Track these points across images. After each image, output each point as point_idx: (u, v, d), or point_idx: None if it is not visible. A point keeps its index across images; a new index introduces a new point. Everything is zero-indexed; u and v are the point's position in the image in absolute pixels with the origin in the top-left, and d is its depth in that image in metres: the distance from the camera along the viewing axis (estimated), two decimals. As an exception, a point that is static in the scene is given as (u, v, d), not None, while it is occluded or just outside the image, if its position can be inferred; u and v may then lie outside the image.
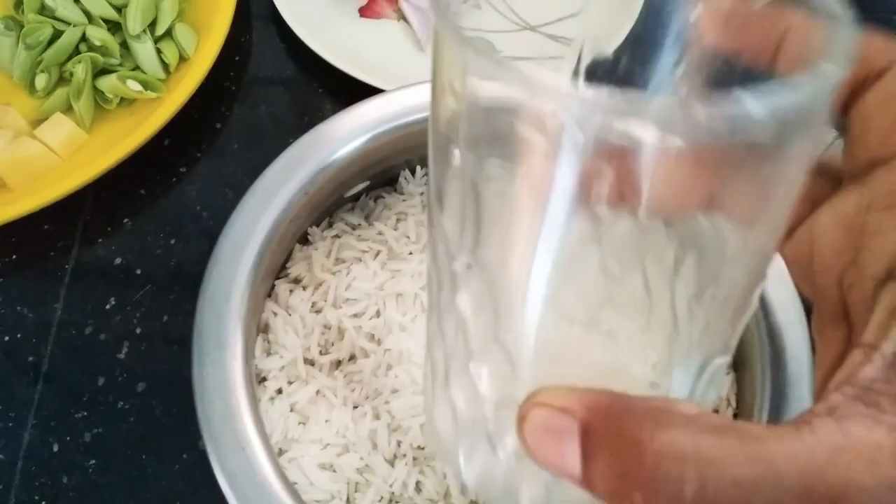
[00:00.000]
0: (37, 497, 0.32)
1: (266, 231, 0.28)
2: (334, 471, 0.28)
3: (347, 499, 0.28)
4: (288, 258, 0.32)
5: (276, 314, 0.30)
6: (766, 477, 0.13)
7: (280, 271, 0.32)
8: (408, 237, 0.33)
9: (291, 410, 0.29)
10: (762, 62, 0.16)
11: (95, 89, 0.40)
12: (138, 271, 0.37)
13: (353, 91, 0.38)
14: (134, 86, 0.40)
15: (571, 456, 0.14)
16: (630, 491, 0.13)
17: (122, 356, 0.35)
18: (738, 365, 0.30)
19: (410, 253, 0.33)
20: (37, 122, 0.40)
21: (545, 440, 0.15)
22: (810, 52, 0.14)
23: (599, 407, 0.14)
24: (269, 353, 0.30)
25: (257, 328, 0.30)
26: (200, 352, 0.26)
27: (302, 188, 0.29)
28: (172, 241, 0.38)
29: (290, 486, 0.24)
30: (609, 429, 0.14)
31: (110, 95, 0.40)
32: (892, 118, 0.15)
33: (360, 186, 0.33)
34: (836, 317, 0.16)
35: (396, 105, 0.31)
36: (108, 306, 0.37)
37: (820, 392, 0.16)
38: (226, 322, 0.26)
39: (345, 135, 0.30)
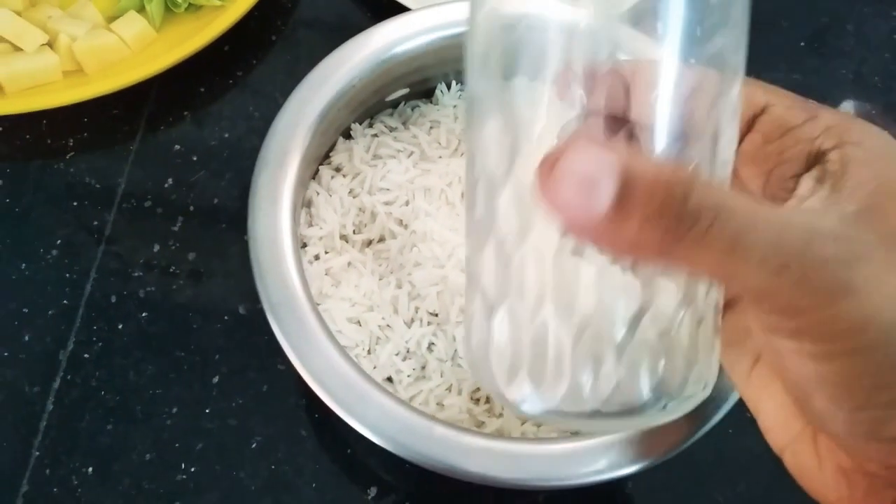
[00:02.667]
0: (94, 338, 0.37)
1: (318, 111, 0.32)
2: (360, 324, 0.32)
3: (369, 349, 0.32)
4: (332, 148, 0.36)
5: (318, 193, 0.35)
6: (777, 215, 0.16)
7: (324, 159, 0.36)
8: (439, 143, 0.37)
9: (326, 274, 0.33)
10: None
11: (167, -7, 0.44)
12: (194, 158, 0.42)
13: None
14: (202, -7, 0.44)
15: (603, 196, 0.14)
16: (675, 204, 0.14)
17: (175, 228, 0.40)
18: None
19: (440, 157, 0.37)
20: (112, 19, 0.44)
21: (574, 188, 0.14)
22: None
23: (636, 155, 0.15)
24: (310, 225, 0.34)
25: (302, 202, 0.34)
26: (256, 206, 0.30)
27: (350, 80, 0.33)
28: (226, 135, 0.43)
29: (323, 321, 0.29)
30: (657, 183, 0.14)
31: (179, 0, 0.44)
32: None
33: (400, 92, 0.37)
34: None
35: (438, 19, 0.35)
36: (166, 185, 0.41)
37: None
38: (279, 183, 0.30)
39: (391, 40, 0.34)
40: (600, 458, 0.28)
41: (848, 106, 0.45)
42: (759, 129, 0.19)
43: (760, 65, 0.46)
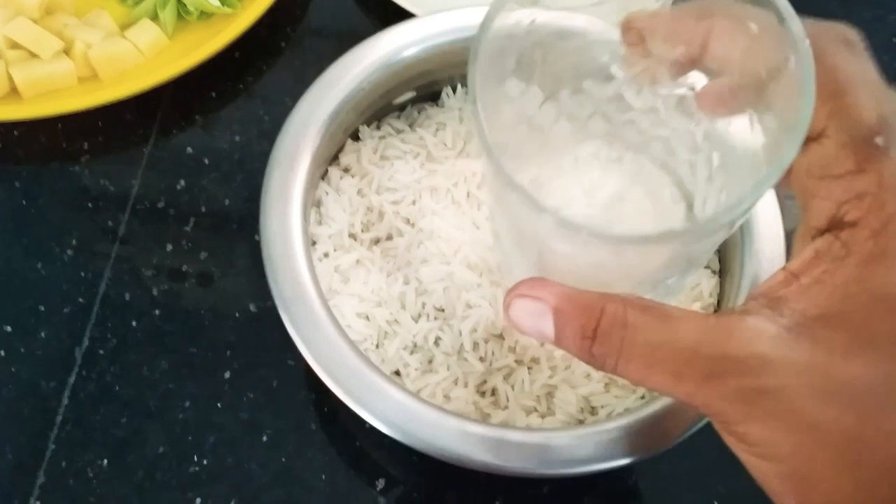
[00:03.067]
0: (109, 335, 0.38)
1: (329, 112, 0.33)
2: (368, 319, 0.33)
3: (377, 343, 0.33)
4: (340, 150, 0.37)
5: (327, 193, 0.36)
6: (666, 341, 0.18)
7: (333, 160, 0.37)
8: (445, 144, 0.38)
9: (336, 271, 0.34)
10: (691, 58, 0.20)
11: (179, 1, 0.45)
12: (206, 161, 0.43)
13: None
14: (213, 1, 0.45)
15: (546, 328, 0.20)
16: (589, 345, 0.19)
17: (188, 229, 0.41)
18: (723, 271, 0.35)
19: (446, 158, 0.38)
20: (126, 26, 0.45)
21: (526, 319, 0.20)
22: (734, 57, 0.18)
23: (566, 295, 0.19)
24: (320, 223, 0.35)
25: (312, 201, 0.35)
26: (267, 204, 0.31)
27: (359, 83, 0.34)
28: (237, 139, 0.44)
29: (333, 315, 0.30)
30: (575, 310, 0.19)
31: (192, 8, 0.45)
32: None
33: (407, 96, 0.38)
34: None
35: (445, 24, 0.36)
36: (178, 187, 0.42)
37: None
38: (290, 182, 0.31)
39: (398, 45, 0.35)
40: (603, 448, 0.29)
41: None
42: (806, 157, 0.18)
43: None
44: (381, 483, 0.35)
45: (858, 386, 0.16)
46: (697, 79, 0.22)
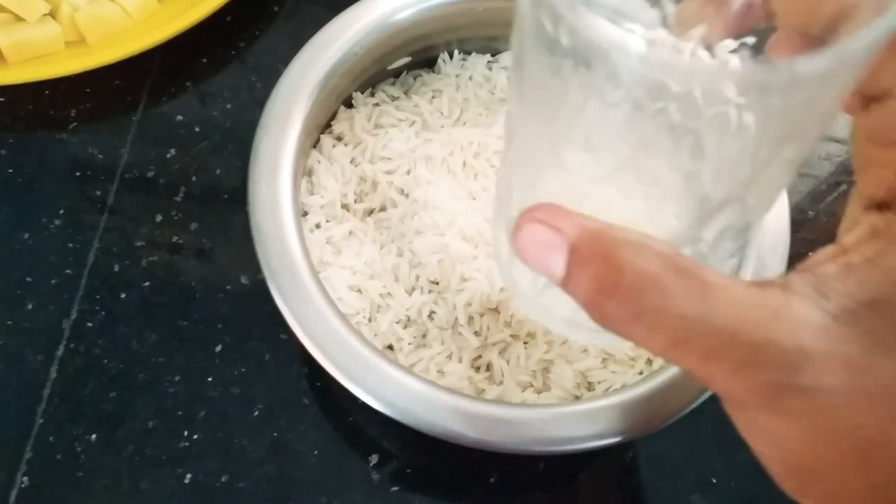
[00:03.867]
0: (97, 308, 0.37)
1: (320, 78, 0.32)
2: (360, 292, 0.32)
3: (370, 317, 0.32)
4: (333, 117, 0.36)
5: (319, 162, 0.35)
6: (705, 317, 0.15)
7: (325, 128, 0.36)
8: (441, 112, 0.37)
9: (327, 242, 0.33)
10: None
11: (169, -37, 0.44)
12: (197, 129, 0.42)
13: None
14: (204, -38, 0.43)
15: (556, 265, 0.17)
16: (602, 303, 0.16)
17: (178, 199, 0.40)
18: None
19: (442, 126, 0.36)
20: (114, -11, 0.43)
21: (535, 248, 0.17)
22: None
23: (589, 231, 0.16)
24: (311, 193, 0.34)
25: (303, 170, 0.34)
26: (256, 172, 0.30)
27: (352, 47, 0.33)
28: (228, 106, 0.42)
29: (323, 288, 0.29)
30: (595, 251, 0.16)
31: (181, -30, 0.44)
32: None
33: (402, 61, 0.37)
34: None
35: (442, -14, 0.35)
36: (168, 156, 0.41)
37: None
38: (279, 149, 0.30)
39: (393, 7, 0.34)
40: (599, 424, 0.28)
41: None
42: (868, 118, 0.16)
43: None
44: (374, 458, 0.35)
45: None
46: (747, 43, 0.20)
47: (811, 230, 0.37)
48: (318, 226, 0.34)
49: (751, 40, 0.20)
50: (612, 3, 0.21)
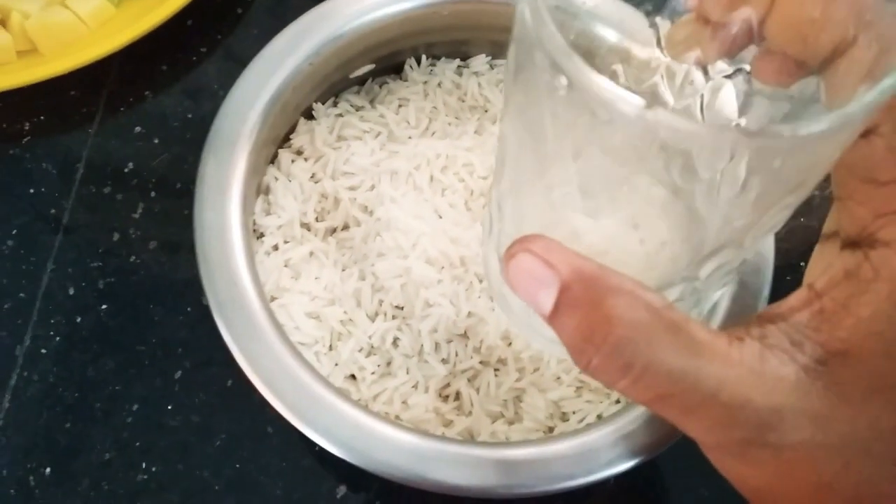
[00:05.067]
0: (52, 333, 0.36)
1: (271, 94, 0.30)
2: (319, 319, 0.30)
3: (330, 346, 0.30)
4: (292, 130, 0.34)
5: (277, 179, 0.33)
6: (689, 374, 0.15)
7: (284, 141, 0.34)
8: (408, 122, 0.35)
9: (285, 266, 0.31)
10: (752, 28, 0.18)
11: (125, -35, 0.42)
12: (156, 140, 0.40)
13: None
14: (162, -36, 0.41)
15: (544, 300, 0.16)
16: (590, 352, 0.16)
17: (136, 216, 0.38)
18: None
19: (409, 137, 0.34)
20: (68, -6, 0.41)
21: (525, 279, 0.17)
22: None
23: (583, 274, 0.16)
24: (268, 213, 0.32)
25: (258, 189, 0.32)
26: (202, 196, 0.28)
27: (307, 58, 0.31)
28: (190, 116, 0.40)
29: (275, 320, 0.27)
30: (586, 296, 0.16)
31: (139, -28, 0.42)
32: None
33: (366, 68, 0.35)
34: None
35: (405, -11, 0.32)
36: (126, 170, 0.39)
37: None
38: (227, 171, 0.28)
39: (352, 11, 0.32)
40: (574, 463, 0.26)
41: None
42: (852, 152, 0.16)
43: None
44: (341, 490, 0.33)
45: (849, 443, 0.16)
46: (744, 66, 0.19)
47: (789, 239, 0.35)
48: (275, 247, 0.32)
49: (747, 67, 0.19)
50: (614, 18, 0.20)
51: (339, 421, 0.26)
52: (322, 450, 0.33)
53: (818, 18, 0.16)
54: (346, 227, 0.33)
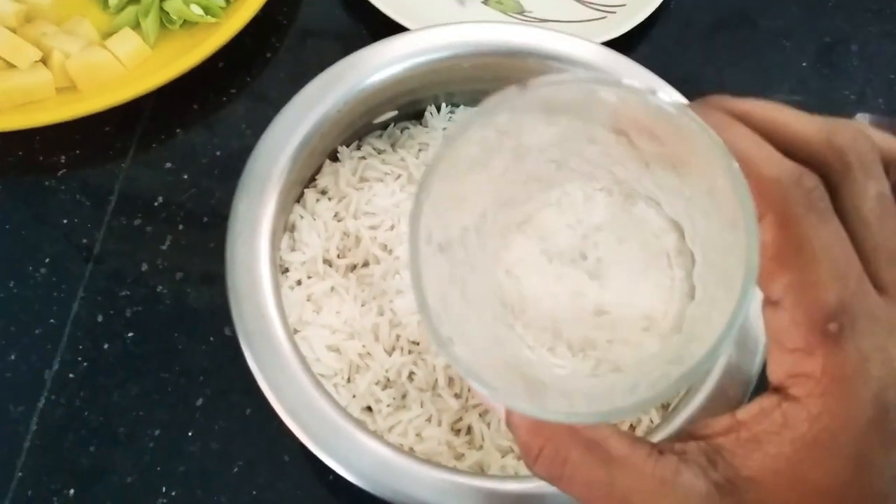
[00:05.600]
0: (80, 358, 0.37)
1: (301, 139, 0.32)
2: (339, 352, 0.32)
3: (349, 378, 0.32)
4: (318, 171, 0.36)
5: (302, 217, 0.34)
6: (603, 484, 0.18)
7: (309, 182, 0.36)
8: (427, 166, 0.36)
9: (308, 300, 0.33)
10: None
11: (162, 10, 0.44)
12: (185, 176, 0.42)
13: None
14: (196, 10, 0.44)
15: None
16: (532, 463, 0.19)
17: (164, 247, 0.40)
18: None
19: (428, 179, 0.36)
20: (107, 35, 0.44)
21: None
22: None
23: (545, 434, 0.19)
24: (293, 249, 0.34)
25: (284, 226, 0.34)
26: (234, 231, 0.30)
27: (335, 105, 0.33)
28: (218, 153, 0.42)
29: (299, 352, 0.28)
30: (524, 420, 0.19)
31: (174, 17, 0.44)
32: None
33: (389, 115, 0.37)
34: None
35: (429, 41, 0.34)
36: (156, 204, 0.41)
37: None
38: (258, 209, 0.30)
39: (379, 62, 0.34)
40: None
41: (863, 118, 0.44)
42: (766, 315, 0.18)
43: (762, 85, 0.46)
44: (354, 519, 0.34)
45: None
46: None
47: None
48: (298, 282, 0.33)
49: None
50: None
51: (358, 451, 0.27)
52: (336, 479, 0.34)
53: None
54: (366, 265, 0.34)
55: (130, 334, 0.38)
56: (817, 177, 0.17)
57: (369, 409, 0.32)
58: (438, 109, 0.38)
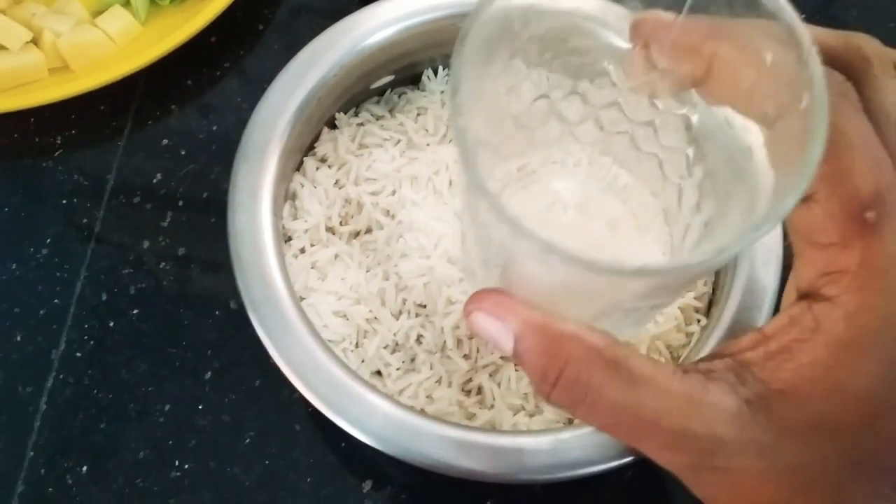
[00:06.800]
0: (86, 337, 0.37)
1: (297, 105, 0.31)
2: (346, 318, 0.32)
3: (357, 343, 0.31)
4: (316, 139, 0.36)
5: (303, 185, 0.34)
6: (630, 405, 0.17)
7: (308, 150, 0.35)
8: (426, 129, 0.36)
9: (312, 267, 0.33)
10: (694, 79, 0.19)
11: (151, -15, 0.44)
12: (183, 152, 0.41)
13: None
14: (186, -16, 0.43)
15: (506, 346, 0.18)
16: (546, 389, 0.18)
17: (165, 224, 0.39)
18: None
19: (427, 144, 0.36)
20: (96, 13, 0.43)
21: (486, 330, 0.19)
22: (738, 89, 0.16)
23: (532, 324, 0.18)
24: (295, 218, 0.33)
25: (286, 195, 0.34)
26: (235, 201, 0.30)
27: (330, 70, 0.32)
28: (214, 128, 0.42)
29: (306, 318, 0.28)
30: (537, 344, 0.18)
31: (164, -8, 0.43)
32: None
33: (386, 80, 0.36)
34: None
35: (422, 3, 0.34)
36: (154, 180, 0.41)
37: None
38: (258, 177, 0.30)
39: (373, 25, 0.33)
40: (593, 450, 0.27)
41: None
42: (796, 214, 0.17)
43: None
44: (368, 484, 0.34)
45: (798, 470, 0.17)
46: (699, 100, 0.20)
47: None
48: (302, 251, 0.33)
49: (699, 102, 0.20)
50: (600, 19, 0.21)
51: (370, 412, 0.27)
52: (348, 445, 0.35)
53: (754, 87, 0.17)
54: (369, 231, 0.34)
55: (135, 311, 0.38)
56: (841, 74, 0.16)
57: (379, 373, 0.31)
58: (435, 73, 0.37)
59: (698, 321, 0.31)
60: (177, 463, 0.35)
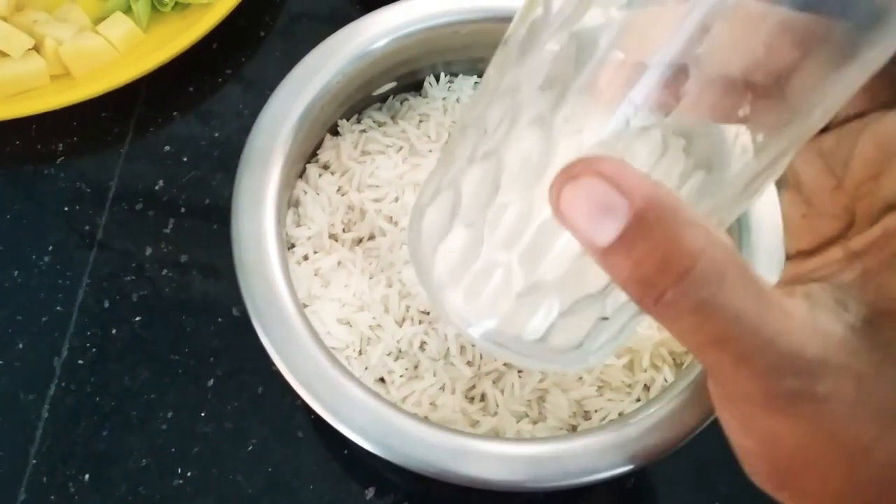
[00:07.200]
0: (88, 344, 0.37)
1: (301, 111, 0.31)
2: (350, 325, 0.32)
3: (360, 350, 0.31)
4: (319, 146, 0.36)
5: (306, 192, 0.34)
6: (754, 319, 0.15)
7: (311, 157, 0.35)
8: (428, 136, 0.36)
9: (315, 274, 0.33)
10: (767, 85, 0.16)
11: (153, -8, 0.44)
12: (184, 158, 0.41)
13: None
14: (188, -9, 0.43)
15: (607, 231, 0.14)
16: (663, 285, 0.14)
17: (167, 231, 0.39)
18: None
19: (430, 150, 0.36)
20: (98, 20, 0.43)
21: (588, 207, 0.15)
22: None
23: (659, 203, 0.14)
24: (298, 225, 0.33)
25: (289, 202, 0.34)
26: (238, 208, 0.30)
27: (334, 76, 0.32)
28: (216, 135, 0.42)
29: (310, 325, 0.28)
30: (660, 228, 0.14)
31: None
32: None
33: (388, 86, 0.36)
34: (831, 213, 0.18)
35: (425, 9, 0.34)
36: (156, 187, 0.41)
37: (795, 257, 0.18)
38: (262, 184, 0.30)
39: (375, 32, 0.33)
40: (597, 458, 0.27)
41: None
42: (864, 139, 0.16)
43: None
44: (370, 492, 0.34)
45: (893, 407, 0.15)
46: None
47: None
48: (305, 258, 0.33)
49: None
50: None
51: (373, 419, 0.27)
52: (350, 453, 0.35)
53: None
54: (372, 237, 0.34)
55: (138, 318, 0.37)
56: None
57: (382, 380, 0.31)
58: (437, 79, 0.37)
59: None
60: (179, 470, 0.35)
